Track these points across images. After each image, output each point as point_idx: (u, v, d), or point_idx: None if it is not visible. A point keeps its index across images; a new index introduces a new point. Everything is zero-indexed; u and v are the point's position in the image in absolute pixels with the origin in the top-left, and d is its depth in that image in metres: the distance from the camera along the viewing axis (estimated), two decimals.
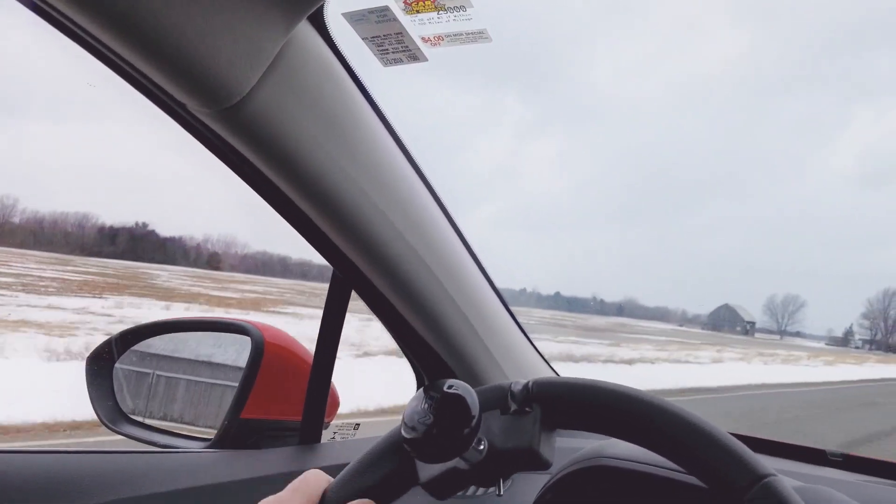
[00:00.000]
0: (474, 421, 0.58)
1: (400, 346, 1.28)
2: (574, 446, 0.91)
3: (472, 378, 1.26)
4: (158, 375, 1.30)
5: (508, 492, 1.15)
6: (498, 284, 1.30)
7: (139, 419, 1.23)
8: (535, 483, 0.87)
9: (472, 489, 1.15)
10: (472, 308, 1.20)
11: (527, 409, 0.62)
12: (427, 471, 0.63)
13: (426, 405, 0.58)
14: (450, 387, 0.59)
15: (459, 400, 0.58)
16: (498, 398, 0.64)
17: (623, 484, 0.78)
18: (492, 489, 1.15)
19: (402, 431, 0.59)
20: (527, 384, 0.63)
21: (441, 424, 0.57)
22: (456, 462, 0.61)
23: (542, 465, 0.61)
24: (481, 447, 0.60)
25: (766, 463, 0.57)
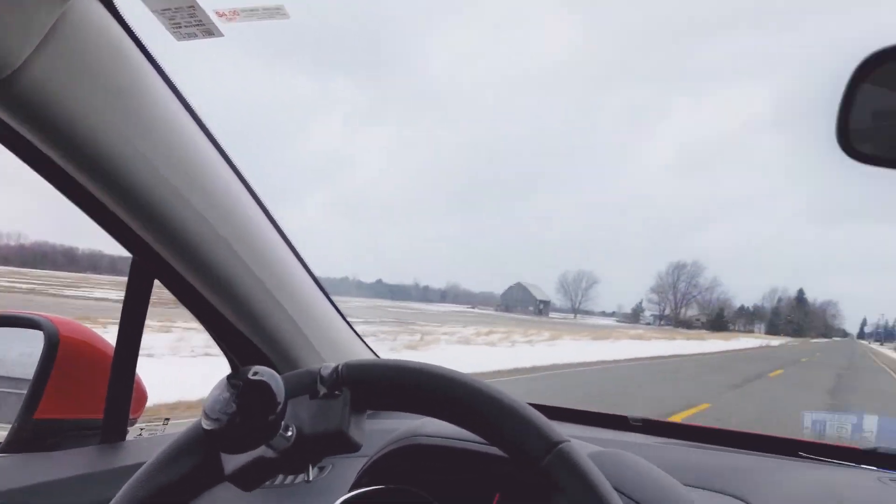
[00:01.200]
0: (279, 407, 0.56)
1: (211, 336, 1.25)
2: (392, 427, 0.91)
3: (289, 364, 1.25)
4: None
5: (327, 477, 1.15)
6: (319, 273, 1.29)
7: None
8: (353, 467, 0.86)
9: (280, 478, 1.13)
10: (285, 293, 1.19)
11: (336, 392, 0.62)
12: (232, 462, 0.61)
13: (228, 394, 0.56)
14: (254, 374, 0.58)
15: (264, 386, 0.57)
16: (307, 383, 0.63)
17: (437, 460, 0.79)
18: (301, 477, 1.16)
19: (203, 423, 0.57)
20: (336, 367, 0.63)
21: (244, 413, 0.55)
22: (262, 451, 0.60)
23: (352, 447, 0.62)
24: (289, 433, 0.60)
25: (562, 430, 0.60)
